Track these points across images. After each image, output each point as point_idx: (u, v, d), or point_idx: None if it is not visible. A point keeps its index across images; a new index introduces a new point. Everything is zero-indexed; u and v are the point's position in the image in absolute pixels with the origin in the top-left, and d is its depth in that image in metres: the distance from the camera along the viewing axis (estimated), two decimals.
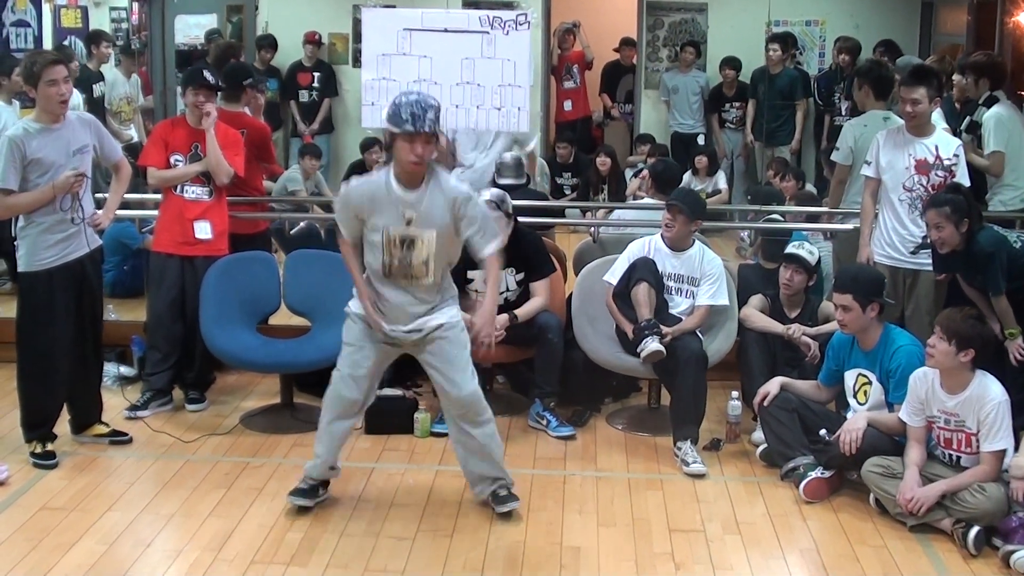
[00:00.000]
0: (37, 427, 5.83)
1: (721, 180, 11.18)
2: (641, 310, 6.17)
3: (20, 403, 5.87)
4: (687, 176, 11.18)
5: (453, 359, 5.11)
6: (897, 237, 6.27)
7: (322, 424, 5.31)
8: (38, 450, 5.79)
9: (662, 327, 6.12)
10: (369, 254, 5.05)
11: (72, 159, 5.65)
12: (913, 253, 6.21)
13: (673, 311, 6.32)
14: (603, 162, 11.17)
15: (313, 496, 5.32)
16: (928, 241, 6.11)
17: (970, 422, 5.16)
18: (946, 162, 6.21)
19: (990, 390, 5.15)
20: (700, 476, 5.80)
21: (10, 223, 5.86)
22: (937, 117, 6.88)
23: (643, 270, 6.24)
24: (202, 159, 6.51)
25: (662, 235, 6.40)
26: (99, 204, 6.01)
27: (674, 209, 6.31)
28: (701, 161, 11.14)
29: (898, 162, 6.26)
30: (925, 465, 5.26)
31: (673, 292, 6.35)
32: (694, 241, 6.43)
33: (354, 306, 5.17)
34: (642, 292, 6.17)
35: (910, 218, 6.22)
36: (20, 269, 5.75)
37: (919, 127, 6.27)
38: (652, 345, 6.02)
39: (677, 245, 6.35)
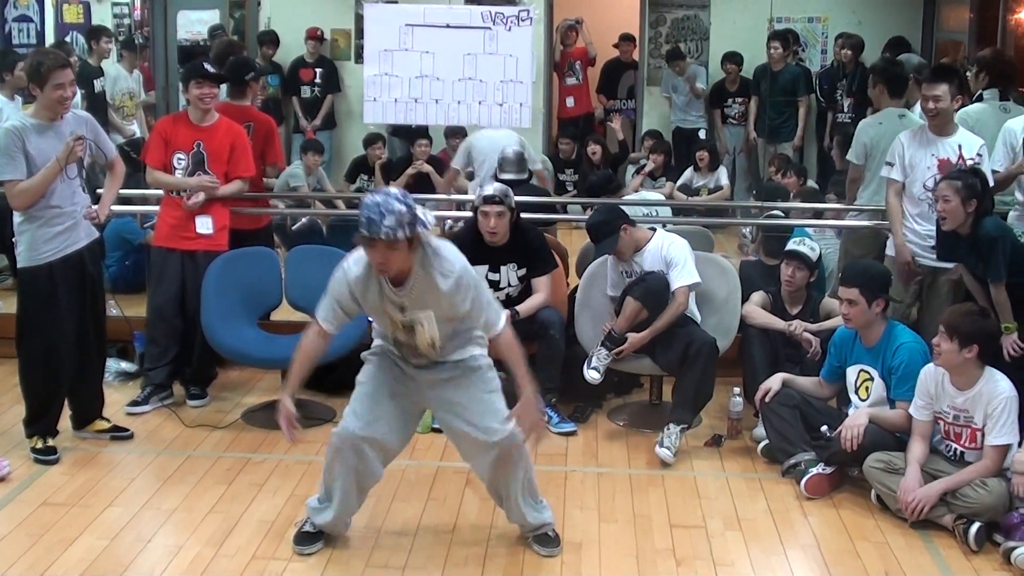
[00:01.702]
0: (38, 422, 5.83)
1: (723, 176, 11.16)
2: (619, 320, 6.24)
3: (24, 399, 5.87)
4: (688, 172, 11.20)
5: (480, 400, 4.69)
6: (916, 236, 6.24)
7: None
8: (39, 446, 5.79)
9: (628, 336, 6.21)
10: (377, 323, 4.78)
11: None
12: (933, 248, 6.18)
13: None
14: (593, 151, 11.20)
15: (320, 538, 4.94)
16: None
17: (978, 418, 5.17)
18: (969, 162, 6.16)
19: (999, 386, 5.15)
20: (664, 462, 5.85)
21: (10, 218, 5.86)
22: None
23: (643, 288, 6.23)
24: (204, 159, 6.53)
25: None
26: (97, 199, 6.00)
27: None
28: (703, 156, 11.12)
29: (920, 161, 6.22)
30: (928, 461, 5.26)
31: None
32: (654, 232, 6.42)
33: (373, 349, 4.85)
34: (629, 306, 6.22)
35: (929, 216, 6.18)
36: (20, 265, 5.75)
37: (941, 126, 6.23)
38: (589, 372, 6.20)
39: (628, 254, 6.34)
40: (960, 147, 6.21)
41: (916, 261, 6.25)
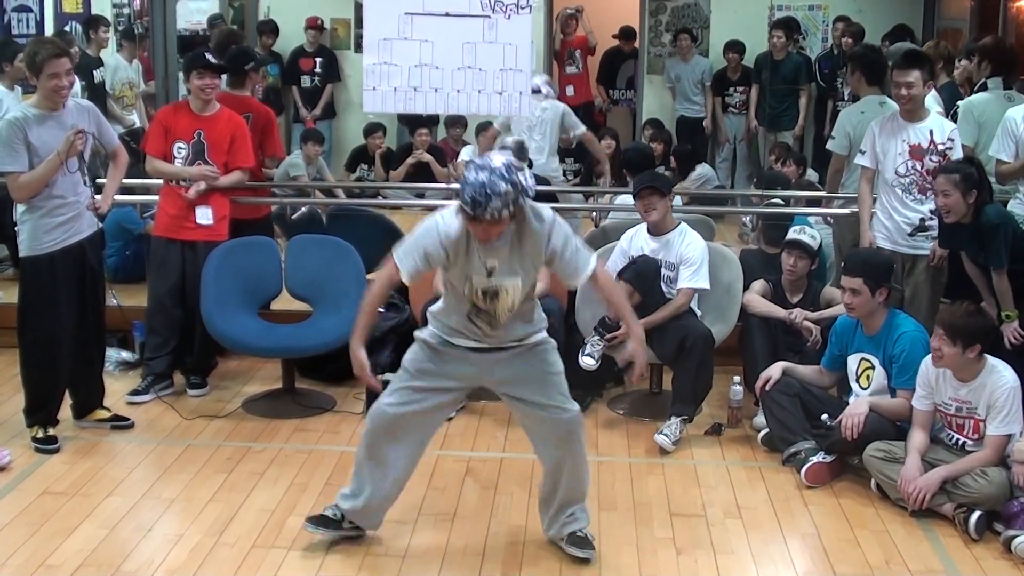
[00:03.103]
0: (39, 412, 5.84)
1: (699, 170, 11.03)
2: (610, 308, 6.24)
3: (24, 388, 5.87)
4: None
5: (547, 379, 4.62)
6: (892, 223, 6.24)
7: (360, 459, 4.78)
8: (40, 435, 5.80)
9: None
10: (451, 295, 4.57)
11: None
12: (911, 235, 6.19)
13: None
14: (608, 144, 11.14)
15: (336, 527, 4.85)
16: (926, 223, 6.11)
17: (981, 409, 5.16)
18: (940, 147, 6.16)
19: (1002, 376, 5.15)
20: (663, 449, 5.87)
21: (11, 208, 5.86)
22: (932, 101, 6.84)
23: (633, 270, 6.22)
24: (204, 148, 6.52)
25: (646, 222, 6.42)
26: (99, 189, 6.00)
27: (646, 192, 6.32)
28: (672, 164, 10.94)
29: (891, 148, 6.23)
30: (928, 450, 5.26)
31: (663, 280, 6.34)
32: (678, 223, 6.43)
33: (426, 333, 4.68)
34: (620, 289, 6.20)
35: (904, 202, 6.20)
36: (22, 254, 5.75)
37: (912, 112, 6.23)
38: (583, 359, 6.18)
39: (661, 228, 6.34)
40: (931, 132, 6.20)
41: (896, 251, 6.24)
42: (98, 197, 5.89)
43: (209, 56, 6.63)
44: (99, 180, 6.11)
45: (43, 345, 5.76)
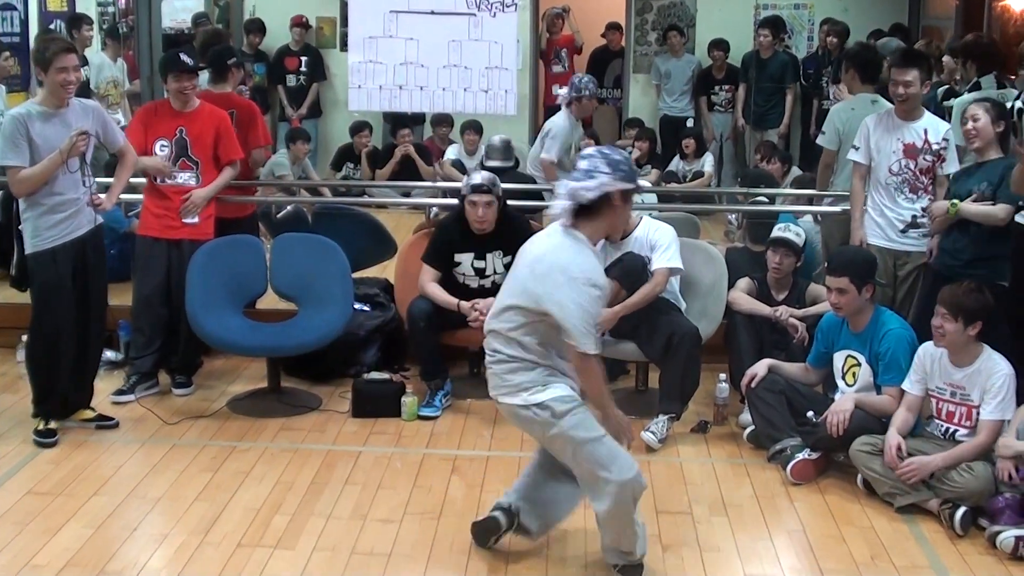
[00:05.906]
0: (44, 403, 5.88)
1: (707, 162, 11.12)
2: None
3: (30, 381, 5.92)
4: (675, 160, 11.19)
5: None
6: (883, 220, 6.27)
7: None
8: (41, 427, 5.84)
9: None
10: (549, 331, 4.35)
11: None
12: (903, 232, 6.21)
13: None
14: (587, 144, 11.16)
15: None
16: (917, 220, 6.14)
17: (975, 395, 5.18)
18: (935, 147, 6.19)
19: (998, 364, 5.17)
20: (650, 447, 5.87)
21: (9, 207, 5.88)
22: None
23: (619, 268, 6.22)
24: (187, 144, 6.50)
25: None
26: (102, 189, 6.02)
27: None
28: (688, 144, 11.09)
29: (886, 145, 6.24)
30: (914, 443, 5.26)
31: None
32: (640, 219, 6.41)
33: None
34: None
35: (895, 200, 6.22)
36: (27, 251, 5.79)
37: (909, 111, 6.25)
38: None
39: (619, 235, 6.23)
40: (926, 131, 6.23)
41: (887, 247, 6.26)
42: (102, 196, 5.92)
43: (184, 57, 6.60)
44: (99, 180, 6.12)
45: (50, 339, 5.82)
